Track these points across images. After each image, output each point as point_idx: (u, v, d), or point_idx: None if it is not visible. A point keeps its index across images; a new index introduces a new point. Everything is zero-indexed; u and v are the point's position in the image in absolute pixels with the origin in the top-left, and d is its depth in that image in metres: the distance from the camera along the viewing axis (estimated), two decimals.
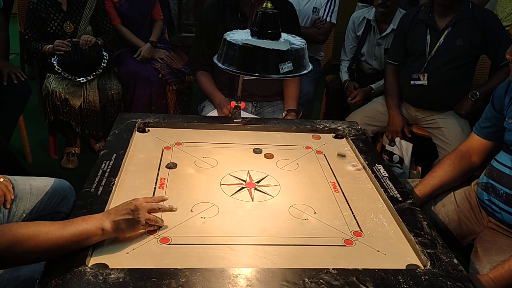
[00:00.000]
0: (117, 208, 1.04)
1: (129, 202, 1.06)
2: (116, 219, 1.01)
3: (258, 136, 1.65)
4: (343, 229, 1.15)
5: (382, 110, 2.56)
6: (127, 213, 1.02)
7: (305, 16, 3.01)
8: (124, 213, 1.02)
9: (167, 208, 1.11)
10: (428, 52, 2.32)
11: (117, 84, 2.73)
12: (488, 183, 1.46)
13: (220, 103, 2.08)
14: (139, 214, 1.03)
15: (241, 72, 1.28)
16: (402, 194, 1.29)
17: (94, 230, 0.97)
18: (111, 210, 1.05)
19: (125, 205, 1.05)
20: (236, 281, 0.92)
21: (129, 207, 1.04)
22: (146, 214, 1.05)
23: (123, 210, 1.03)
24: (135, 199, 1.08)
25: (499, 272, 1.27)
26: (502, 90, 1.51)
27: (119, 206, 1.05)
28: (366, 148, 1.56)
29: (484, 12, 2.29)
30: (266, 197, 1.28)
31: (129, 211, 1.03)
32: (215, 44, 2.04)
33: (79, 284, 0.88)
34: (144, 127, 1.62)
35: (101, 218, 1.00)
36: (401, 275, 0.97)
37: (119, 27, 2.89)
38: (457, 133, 2.32)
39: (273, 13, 1.25)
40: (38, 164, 2.74)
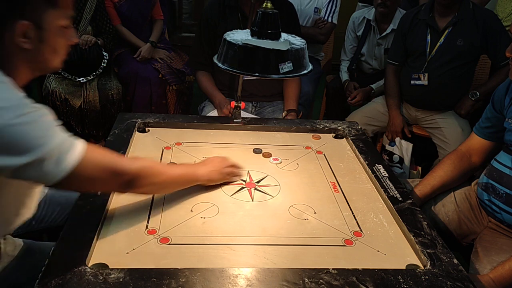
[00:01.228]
0: (210, 159, 1.31)
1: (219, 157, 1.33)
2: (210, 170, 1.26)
3: (258, 136, 1.65)
4: (343, 229, 1.15)
5: (382, 110, 2.56)
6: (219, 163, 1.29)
7: (307, 16, 3.01)
8: (216, 164, 1.29)
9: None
10: (429, 52, 2.32)
11: (117, 84, 2.73)
12: (488, 183, 1.46)
13: (220, 103, 2.08)
14: (228, 167, 1.30)
15: (241, 72, 1.28)
16: (402, 194, 1.29)
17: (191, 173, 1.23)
18: (205, 161, 1.31)
19: (216, 158, 1.32)
20: (236, 281, 0.92)
21: (219, 159, 1.31)
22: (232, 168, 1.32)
23: (215, 162, 1.30)
24: (224, 159, 1.32)
25: (499, 272, 1.27)
26: (502, 90, 1.50)
27: (211, 158, 1.33)
28: (366, 148, 1.56)
29: (485, 12, 2.29)
30: (266, 197, 1.28)
31: (220, 162, 1.30)
32: (215, 44, 2.04)
33: (79, 284, 0.88)
34: (144, 127, 1.62)
35: (196, 167, 1.27)
36: (401, 275, 0.97)
37: (119, 28, 2.89)
38: (457, 133, 2.32)
39: (273, 13, 1.25)
40: None
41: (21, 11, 0.90)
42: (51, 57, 0.98)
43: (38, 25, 0.92)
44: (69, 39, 1.00)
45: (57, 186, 0.92)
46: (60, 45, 0.99)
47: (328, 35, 3.08)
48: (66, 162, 0.89)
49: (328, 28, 3.01)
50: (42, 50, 0.96)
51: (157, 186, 1.13)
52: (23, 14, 0.90)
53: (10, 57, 0.93)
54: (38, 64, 0.98)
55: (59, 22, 0.95)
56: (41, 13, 0.92)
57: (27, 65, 0.96)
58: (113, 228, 1.08)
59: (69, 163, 0.90)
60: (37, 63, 0.98)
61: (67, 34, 0.99)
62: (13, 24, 0.89)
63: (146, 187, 1.09)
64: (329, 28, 3.02)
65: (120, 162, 1.02)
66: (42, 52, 0.96)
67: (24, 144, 0.85)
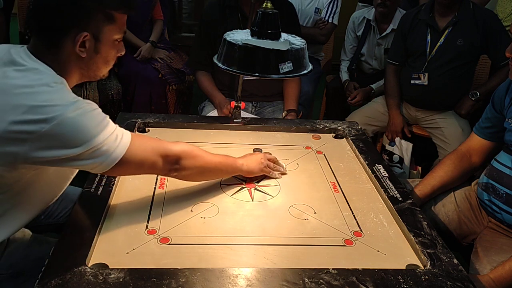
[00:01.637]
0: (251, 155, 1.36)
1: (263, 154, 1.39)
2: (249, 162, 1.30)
3: (258, 136, 1.65)
4: (343, 229, 1.15)
5: (382, 110, 2.56)
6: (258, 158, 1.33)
7: (307, 17, 3.01)
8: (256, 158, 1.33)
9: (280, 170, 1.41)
10: (429, 52, 2.32)
11: (117, 84, 2.73)
12: (488, 183, 1.46)
13: (220, 103, 2.08)
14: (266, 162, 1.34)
15: (241, 72, 1.27)
16: (402, 194, 1.29)
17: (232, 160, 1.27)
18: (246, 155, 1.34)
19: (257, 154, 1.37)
20: (236, 281, 0.92)
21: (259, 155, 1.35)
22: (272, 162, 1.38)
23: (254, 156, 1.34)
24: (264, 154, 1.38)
25: (500, 273, 1.27)
26: (502, 90, 1.50)
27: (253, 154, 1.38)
28: (366, 148, 1.56)
29: (485, 12, 2.29)
30: (266, 197, 1.28)
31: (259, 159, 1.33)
32: (215, 44, 2.04)
33: (79, 284, 0.88)
34: (144, 127, 1.62)
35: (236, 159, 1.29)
36: (401, 275, 0.97)
37: None
38: (457, 133, 2.32)
39: (273, 13, 1.25)
40: None
41: (84, 23, 0.99)
42: (101, 66, 1.08)
43: (96, 37, 1.02)
44: (119, 51, 1.10)
45: (110, 172, 1.02)
46: (111, 57, 1.09)
47: (329, 36, 3.08)
48: (118, 149, 0.99)
49: (328, 28, 3.01)
50: (95, 60, 1.05)
51: (199, 170, 1.18)
52: (85, 26, 0.99)
53: (66, 61, 1.02)
54: (89, 71, 1.07)
55: (114, 36, 1.05)
56: (100, 27, 1.01)
57: (79, 71, 1.06)
58: (113, 228, 1.08)
59: (121, 150, 0.99)
60: (88, 70, 1.07)
61: (118, 47, 1.09)
62: (75, 34, 0.99)
63: (190, 170, 1.15)
64: (329, 29, 3.02)
65: (165, 144, 1.11)
66: (95, 61, 1.05)
67: (80, 135, 0.93)
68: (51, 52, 1.00)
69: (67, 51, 1.00)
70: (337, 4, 3.00)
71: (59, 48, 1.00)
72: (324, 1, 2.99)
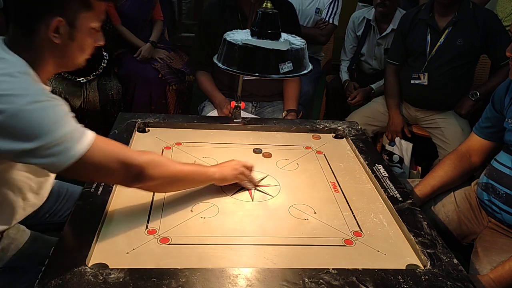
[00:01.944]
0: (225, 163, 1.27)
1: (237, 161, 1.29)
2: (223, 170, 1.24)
3: (258, 136, 1.65)
4: (343, 229, 1.15)
5: (382, 110, 2.56)
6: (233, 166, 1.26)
7: (308, 17, 3.01)
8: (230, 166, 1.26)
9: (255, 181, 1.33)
10: (429, 52, 2.32)
11: (117, 84, 2.73)
12: (488, 183, 1.46)
13: (220, 103, 2.08)
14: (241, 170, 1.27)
15: (241, 72, 1.28)
16: (402, 194, 1.29)
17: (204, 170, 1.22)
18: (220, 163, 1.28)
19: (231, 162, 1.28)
20: (236, 281, 0.92)
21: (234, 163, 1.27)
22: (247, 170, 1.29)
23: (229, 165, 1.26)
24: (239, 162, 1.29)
25: (500, 273, 1.27)
26: (502, 90, 1.50)
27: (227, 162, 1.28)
28: (366, 148, 1.56)
29: (484, 12, 2.29)
30: (266, 197, 1.28)
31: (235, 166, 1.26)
32: (215, 44, 2.04)
33: (79, 284, 0.88)
34: (144, 127, 1.62)
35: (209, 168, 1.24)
36: (401, 275, 0.97)
37: (119, 27, 2.89)
38: (457, 133, 2.32)
39: (273, 13, 1.25)
40: None
41: (59, 8, 0.97)
42: (77, 54, 1.05)
43: (71, 23, 0.99)
44: (96, 40, 1.07)
45: (64, 173, 0.96)
46: (87, 45, 1.06)
47: (329, 36, 3.08)
48: (75, 149, 0.93)
49: (329, 29, 3.01)
50: (70, 47, 1.02)
51: (167, 180, 1.12)
52: (60, 12, 0.97)
53: (40, 48, 1.00)
54: (64, 59, 1.05)
55: (90, 24, 1.02)
56: (76, 13, 0.99)
57: (53, 59, 1.03)
58: (113, 228, 1.08)
59: (78, 151, 0.94)
60: (63, 58, 1.04)
61: (95, 36, 1.06)
62: (49, 19, 0.96)
63: (155, 181, 1.08)
64: (330, 29, 3.02)
65: (129, 153, 1.06)
66: (69, 48, 1.02)
67: (35, 129, 0.90)
68: (26, 40, 0.99)
69: (40, 37, 0.98)
70: (337, 4, 3.00)
71: (33, 35, 0.98)
72: (325, 1, 2.99)
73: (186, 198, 1.23)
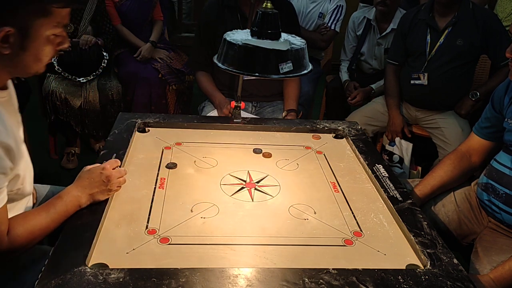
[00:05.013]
0: (90, 180, 1.12)
1: (98, 173, 1.14)
2: (92, 192, 1.11)
3: (258, 136, 1.65)
4: (343, 229, 1.15)
5: (382, 110, 2.56)
6: (101, 185, 1.12)
7: (310, 20, 3.01)
8: (99, 185, 1.12)
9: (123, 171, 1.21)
10: (428, 52, 2.32)
11: (117, 84, 2.73)
12: (488, 184, 1.46)
13: (220, 103, 2.08)
14: (113, 183, 1.14)
15: (241, 72, 1.28)
16: (402, 194, 1.29)
17: (73, 209, 1.09)
18: (84, 182, 1.12)
19: (97, 177, 1.13)
20: (236, 281, 0.92)
21: (101, 178, 1.13)
22: (116, 180, 1.16)
23: (97, 183, 1.12)
24: (104, 168, 1.15)
25: (500, 273, 1.27)
26: (502, 90, 1.50)
27: (91, 177, 1.13)
28: (366, 148, 1.56)
29: (484, 12, 2.29)
30: (266, 197, 1.28)
31: (102, 183, 1.12)
32: (214, 45, 2.04)
33: (79, 284, 0.88)
34: (144, 127, 1.62)
35: (77, 195, 1.10)
36: (401, 275, 0.97)
37: (120, 28, 2.90)
38: (457, 133, 2.32)
39: (273, 13, 1.25)
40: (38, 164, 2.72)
41: (8, 17, 0.87)
42: (31, 64, 0.96)
43: (24, 32, 0.89)
44: (58, 45, 0.97)
45: None
46: (44, 53, 0.96)
47: (329, 42, 3.09)
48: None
49: (330, 35, 3.02)
50: (22, 57, 0.93)
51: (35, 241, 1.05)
52: (9, 21, 0.87)
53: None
54: (16, 69, 0.96)
55: (48, 31, 0.92)
56: (30, 21, 0.89)
57: (4, 68, 0.95)
58: (113, 228, 1.08)
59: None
60: (15, 68, 0.96)
61: (56, 41, 0.96)
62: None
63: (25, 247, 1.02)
64: (331, 36, 3.02)
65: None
66: (21, 58, 0.93)
67: None
68: None
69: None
70: (341, 11, 3.00)
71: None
72: (329, 7, 2.99)
73: (186, 198, 1.23)
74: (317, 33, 3.01)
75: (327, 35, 3.01)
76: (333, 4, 2.99)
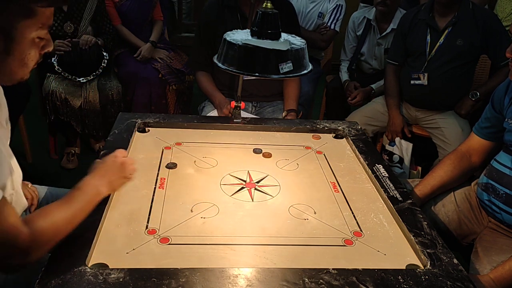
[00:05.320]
0: (106, 169, 1.11)
1: (112, 160, 1.13)
2: (111, 180, 1.10)
3: (258, 136, 1.65)
4: (343, 229, 1.15)
5: (382, 110, 2.56)
6: (118, 171, 1.12)
7: (310, 20, 3.01)
8: (116, 172, 1.12)
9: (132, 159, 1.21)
10: (428, 52, 2.32)
11: (117, 84, 2.73)
12: (488, 184, 1.46)
13: (220, 103, 2.08)
14: (127, 170, 1.14)
15: (241, 72, 1.28)
16: (402, 194, 1.29)
17: (95, 199, 1.05)
18: (100, 171, 1.10)
19: (112, 164, 1.12)
20: (236, 281, 0.92)
21: (116, 165, 1.12)
22: (130, 167, 1.16)
23: (113, 170, 1.12)
24: (115, 156, 1.14)
25: (500, 273, 1.27)
26: (502, 90, 1.50)
27: (106, 166, 1.11)
28: (366, 148, 1.56)
29: (484, 12, 2.29)
30: (266, 197, 1.28)
31: (118, 170, 1.12)
32: (214, 45, 2.04)
33: (79, 284, 0.88)
34: (144, 127, 1.62)
35: (97, 184, 1.07)
36: (401, 275, 0.97)
37: (120, 28, 2.90)
38: (457, 133, 2.32)
39: (273, 13, 1.25)
40: (38, 164, 2.74)
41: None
42: (17, 69, 0.90)
43: (8, 36, 0.83)
44: (43, 48, 0.91)
45: None
46: (30, 57, 0.90)
47: (329, 42, 3.09)
48: None
49: (329, 35, 3.02)
50: (8, 62, 0.87)
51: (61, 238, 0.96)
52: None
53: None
54: (2, 75, 0.90)
55: (33, 34, 0.86)
56: (14, 23, 0.82)
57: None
58: (113, 228, 1.08)
59: None
60: (1, 74, 0.89)
61: (41, 44, 0.90)
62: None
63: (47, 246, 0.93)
64: (330, 35, 3.02)
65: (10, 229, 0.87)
66: (7, 63, 0.87)
67: None
68: None
69: None
70: (341, 11, 3.00)
71: None
72: (329, 6, 2.99)
73: (186, 198, 1.23)
74: (317, 33, 3.01)
75: (327, 35, 3.01)
76: (333, 3, 3.00)
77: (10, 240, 0.85)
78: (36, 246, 0.90)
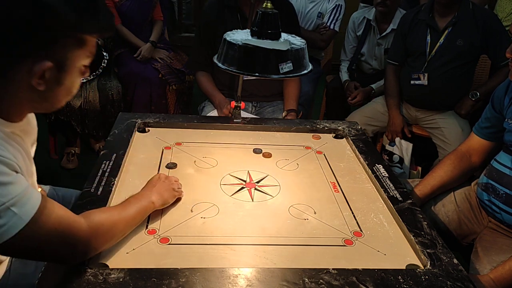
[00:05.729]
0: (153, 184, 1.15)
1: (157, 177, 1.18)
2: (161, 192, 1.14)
3: (258, 136, 1.65)
4: (343, 229, 1.15)
5: (382, 110, 2.56)
6: (169, 186, 1.17)
7: (309, 20, 3.01)
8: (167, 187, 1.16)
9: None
10: (428, 52, 2.32)
11: (117, 84, 2.73)
12: (488, 184, 1.46)
13: (220, 103, 2.08)
14: (174, 184, 1.19)
15: (241, 72, 1.28)
16: (402, 194, 1.29)
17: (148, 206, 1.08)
18: (150, 186, 1.15)
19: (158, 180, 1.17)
20: (236, 281, 0.92)
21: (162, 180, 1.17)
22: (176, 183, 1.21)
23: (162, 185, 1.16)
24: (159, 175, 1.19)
25: (500, 272, 1.27)
26: (502, 90, 1.50)
27: (157, 182, 1.16)
28: (366, 148, 1.56)
29: (484, 12, 2.29)
30: (266, 197, 1.28)
31: (167, 184, 1.17)
32: (214, 45, 2.04)
33: (79, 284, 0.88)
34: (144, 127, 1.62)
35: (149, 196, 1.11)
36: (401, 275, 0.97)
37: (120, 28, 2.89)
38: (457, 133, 2.32)
39: (273, 13, 1.25)
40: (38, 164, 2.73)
41: (47, 50, 0.80)
42: (62, 97, 0.90)
43: (60, 66, 0.83)
44: (83, 75, 0.92)
45: None
46: (75, 85, 0.90)
47: (329, 42, 3.09)
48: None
49: (329, 35, 3.02)
50: (56, 92, 0.86)
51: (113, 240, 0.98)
52: (48, 54, 0.80)
53: (13, 96, 0.84)
54: (45, 104, 0.89)
55: (82, 62, 0.87)
56: (67, 53, 0.83)
57: (30, 104, 0.88)
58: None
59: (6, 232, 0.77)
60: (44, 103, 0.89)
61: (83, 72, 0.91)
62: (32, 64, 0.79)
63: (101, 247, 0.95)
64: (330, 35, 3.03)
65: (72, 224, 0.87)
66: (55, 93, 0.87)
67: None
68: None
69: (17, 83, 0.81)
70: (340, 11, 3.00)
71: (6, 80, 0.80)
72: (328, 6, 2.99)
73: (186, 198, 1.23)
74: (316, 33, 3.01)
75: (326, 35, 3.01)
76: (332, 3, 3.00)
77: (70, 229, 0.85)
78: (95, 235, 0.91)
